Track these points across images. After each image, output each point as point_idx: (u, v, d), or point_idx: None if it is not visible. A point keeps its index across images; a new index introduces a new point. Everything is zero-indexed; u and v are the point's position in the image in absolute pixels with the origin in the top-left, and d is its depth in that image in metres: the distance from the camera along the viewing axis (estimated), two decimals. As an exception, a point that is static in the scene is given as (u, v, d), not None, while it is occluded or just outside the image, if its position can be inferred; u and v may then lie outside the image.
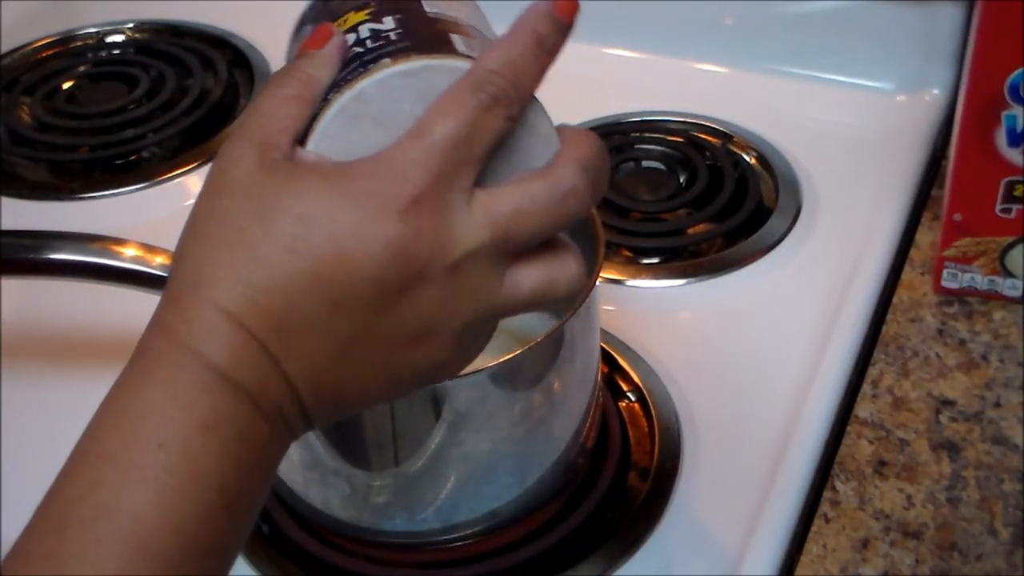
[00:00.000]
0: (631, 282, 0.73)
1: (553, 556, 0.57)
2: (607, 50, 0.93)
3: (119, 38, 1.03)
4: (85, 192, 0.85)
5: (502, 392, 0.52)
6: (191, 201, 0.38)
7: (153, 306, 0.38)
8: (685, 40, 0.92)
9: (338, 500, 0.56)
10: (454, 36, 0.40)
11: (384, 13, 0.41)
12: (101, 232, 0.57)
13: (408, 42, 0.39)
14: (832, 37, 0.88)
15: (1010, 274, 0.66)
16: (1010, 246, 0.65)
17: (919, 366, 0.64)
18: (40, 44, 1.02)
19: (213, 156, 0.85)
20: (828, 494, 0.58)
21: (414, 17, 0.41)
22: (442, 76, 0.38)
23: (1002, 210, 0.64)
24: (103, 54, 1.02)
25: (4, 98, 0.95)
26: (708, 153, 0.82)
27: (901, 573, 0.53)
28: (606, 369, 0.66)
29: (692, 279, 0.73)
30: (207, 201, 0.38)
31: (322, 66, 0.40)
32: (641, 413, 0.64)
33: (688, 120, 0.86)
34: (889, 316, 0.68)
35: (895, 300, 0.69)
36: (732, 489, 0.60)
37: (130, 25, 1.04)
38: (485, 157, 0.38)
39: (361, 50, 0.40)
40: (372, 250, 0.36)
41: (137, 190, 0.85)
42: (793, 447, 0.60)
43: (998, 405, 0.61)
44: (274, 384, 0.37)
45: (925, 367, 0.64)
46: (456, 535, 0.56)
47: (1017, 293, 0.67)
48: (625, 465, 0.62)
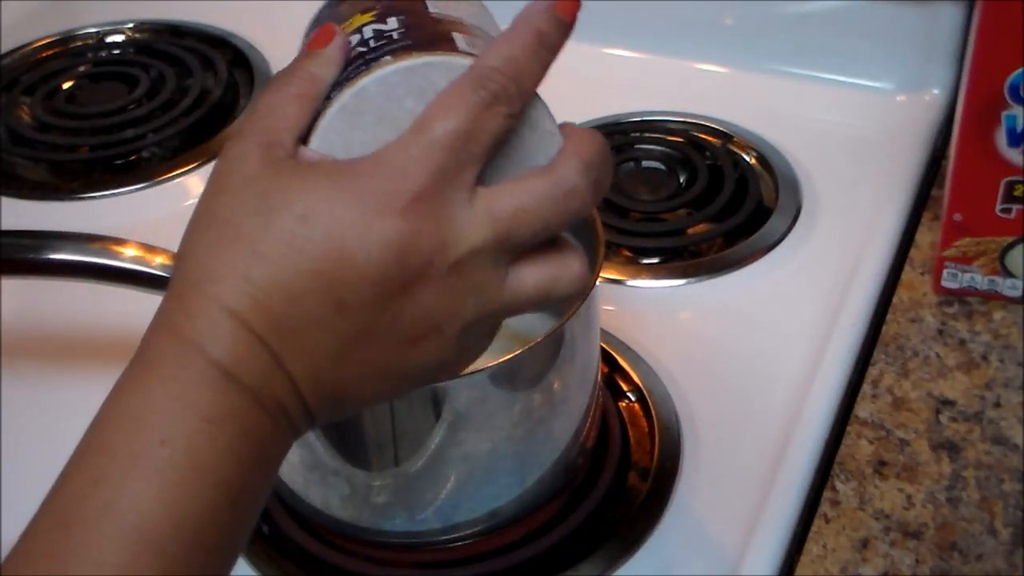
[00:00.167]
0: (631, 282, 0.73)
1: (553, 556, 0.57)
2: (607, 50, 0.93)
3: (119, 38, 1.03)
4: (85, 192, 0.85)
5: (502, 392, 0.52)
6: (191, 201, 0.38)
7: (153, 306, 0.38)
8: (685, 40, 0.92)
9: (338, 500, 0.56)
10: (456, 35, 0.40)
11: (388, 14, 0.41)
12: (101, 232, 0.57)
13: (410, 40, 0.39)
14: (832, 37, 0.88)
15: (1010, 274, 0.66)
16: (1010, 246, 0.65)
17: (919, 366, 0.64)
18: (40, 44, 1.02)
19: (213, 156, 0.86)
20: (828, 494, 0.58)
21: (417, 17, 0.41)
22: (443, 73, 0.38)
23: (1002, 210, 0.64)
24: (103, 54, 1.02)
25: (4, 98, 0.95)
26: (708, 153, 0.82)
27: (901, 573, 0.53)
28: (606, 369, 0.66)
29: (692, 279, 0.73)
30: (211, 199, 0.38)
31: (325, 65, 0.40)
32: (641, 413, 0.64)
33: (688, 120, 0.86)
34: (889, 316, 0.68)
35: (895, 300, 0.69)
36: (732, 489, 0.60)
37: (130, 25, 1.04)
38: (487, 154, 0.38)
39: (364, 49, 0.40)
40: (373, 248, 0.36)
41: (137, 190, 0.85)
42: (793, 447, 0.60)
43: (998, 405, 0.61)
44: (276, 381, 0.37)
45: (925, 367, 0.64)
46: (456, 535, 0.56)
47: (1017, 293, 0.67)
48: (625, 465, 0.62)
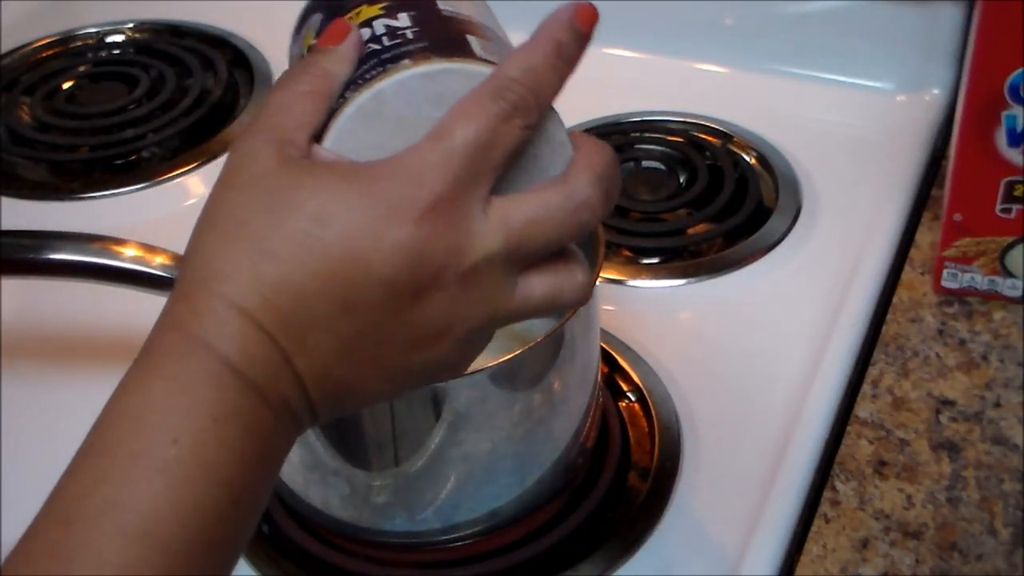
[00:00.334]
0: (631, 282, 0.73)
1: (553, 556, 0.57)
2: (607, 50, 0.93)
3: (119, 38, 1.03)
4: (85, 192, 0.85)
5: (502, 392, 0.52)
6: (191, 201, 0.38)
7: (153, 306, 0.38)
8: (685, 40, 0.92)
9: (338, 500, 0.56)
10: (470, 37, 0.40)
11: (398, 9, 0.41)
12: (101, 232, 0.57)
13: (426, 42, 0.39)
14: (832, 37, 0.88)
15: (1010, 274, 0.66)
16: (1010, 246, 0.65)
17: (919, 366, 0.64)
18: (40, 44, 1.02)
19: (213, 156, 0.86)
20: (828, 494, 0.58)
21: (429, 15, 0.41)
22: (461, 80, 0.38)
23: (1002, 210, 0.64)
24: (103, 54, 1.02)
25: (4, 98, 0.95)
26: (708, 153, 0.82)
27: (901, 573, 0.53)
28: (606, 369, 0.66)
29: (692, 279, 0.73)
30: (221, 195, 0.38)
31: (339, 62, 0.39)
32: (641, 413, 0.64)
33: (688, 120, 0.86)
34: (889, 316, 0.68)
35: (895, 300, 0.69)
36: (732, 489, 0.60)
37: (130, 25, 1.04)
38: (503, 165, 0.38)
39: (377, 47, 0.39)
40: (386, 253, 0.36)
41: (137, 190, 0.84)
42: (793, 447, 0.60)
43: (998, 405, 0.61)
44: (283, 379, 0.36)
45: (925, 367, 0.64)
46: (456, 535, 0.56)
47: (1017, 293, 0.67)
48: (625, 465, 0.62)
